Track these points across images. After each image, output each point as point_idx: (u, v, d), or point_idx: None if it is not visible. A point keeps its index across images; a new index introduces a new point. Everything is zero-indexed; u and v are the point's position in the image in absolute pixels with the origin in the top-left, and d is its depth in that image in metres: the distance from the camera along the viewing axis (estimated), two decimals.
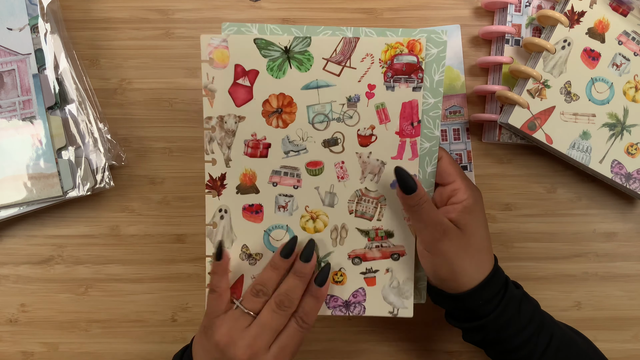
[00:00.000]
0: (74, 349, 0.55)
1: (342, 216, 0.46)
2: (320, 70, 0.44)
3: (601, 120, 0.52)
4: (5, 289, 0.55)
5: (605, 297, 0.56)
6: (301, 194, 0.45)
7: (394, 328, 0.56)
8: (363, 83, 0.44)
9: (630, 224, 0.56)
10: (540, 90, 0.51)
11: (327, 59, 0.44)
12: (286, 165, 0.45)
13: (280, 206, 0.46)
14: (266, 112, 0.45)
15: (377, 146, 0.45)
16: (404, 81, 0.44)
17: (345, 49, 0.44)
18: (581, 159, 0.52)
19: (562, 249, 0.56)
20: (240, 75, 0.44)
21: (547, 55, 0.51)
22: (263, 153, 0.45)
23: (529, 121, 0.51)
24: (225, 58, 0.44)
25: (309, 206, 0.46)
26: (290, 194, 0.45)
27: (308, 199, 0.46)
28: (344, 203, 0.46)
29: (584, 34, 0.51)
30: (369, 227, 0.46)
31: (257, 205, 0.46)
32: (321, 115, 0.45)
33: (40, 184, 0.50)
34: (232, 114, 0.45)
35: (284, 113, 0.45)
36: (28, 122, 0.51)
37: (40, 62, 0.51)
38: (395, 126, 0.45)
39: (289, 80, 0.44)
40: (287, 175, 0.45)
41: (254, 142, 0.45)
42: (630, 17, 0.52)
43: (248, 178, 0.45)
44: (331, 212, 0.46)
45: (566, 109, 0.52)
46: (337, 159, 0.45)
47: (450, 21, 0.55)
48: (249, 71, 0.44)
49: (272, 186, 0.45)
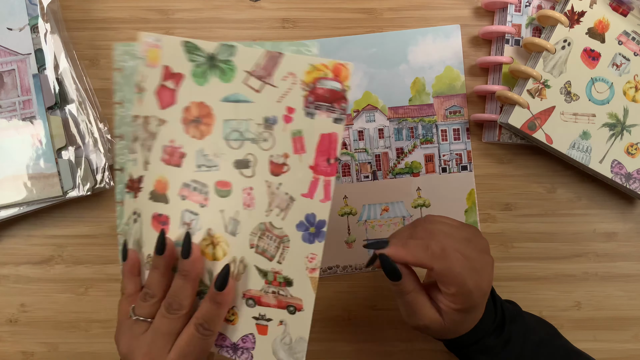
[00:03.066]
0: (74, 349, 0.55)
1: (242, 248, 0.42)
2: (241, 84, 0.41)
3: (601, 120, 0.52)
4: (5, 289, 0.55)
5: (605, 297, 0.56)
6: (206, 213, 0.42)
7: (394, 328, 0.56)
8: (282, 104, 0.41)
9: (630, 224, 0.56)
10: (540, 90, 0.51)
11: (249, 72, 0.41)
12: (197, 180, 0.42)
13: (185, 223, 0.42)
14: (186, 119, 0.42)
15: (288, 178, 0.41)
16: (325, 109, 0.40)
17: (269, 64, 0.40)
18: (581, 159, 0.52)
19: (562, 249, 0.56)
20: (167, 77, 0.42)
21: (547, 55, 0.51)
22: (177, 162, 0.42)
23: (529, 121, 0.51)
24: (157, 58, 0.42)
25: (212, 230, 0.42)
26: (196, 211, 0.42)
27: (212, 221, 0.42)
28: (246, 234, 0.42)
29: (584, 34, 0.51)
30: (268, 267, 0.42)
31: (164, 217, 0.43)
32: (236, 132, 0.41)
33: (40, 184, 0.50)
34: (156, 116, 0.42)
35: (202, 124, 0.42)
36: (28, 122, 0.51)
37: (40, 62, 0.51)
38: (310, 159, 0.40)
39: (211, 89, 0.42)
40: (196, 191, 0.42)
41: (171, 148, 0.42)
42: (630, 17, 0.52)
43: (161, 185, 0.43)
44: (232, 241, 0.42)
45: (566, 109, 0.52)
46: (247, 183, 0.41)
47: (450, 21, 0.55)
48: (175, 74, 0.42)
49: (181, 199, 0.42)
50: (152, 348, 0.40)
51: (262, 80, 0.41)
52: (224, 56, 0.41)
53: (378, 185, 0.55)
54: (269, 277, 0.42)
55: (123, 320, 0.42)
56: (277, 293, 0.42)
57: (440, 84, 0.55)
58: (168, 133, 0.42)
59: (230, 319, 0.42)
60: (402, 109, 0.55)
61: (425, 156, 0.56)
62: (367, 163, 0.55)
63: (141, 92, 0.42)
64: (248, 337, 0.43)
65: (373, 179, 0.56)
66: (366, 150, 0.55)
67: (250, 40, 0.55)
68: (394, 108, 0.55)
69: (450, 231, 0.41)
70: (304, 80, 0.40)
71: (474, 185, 0.56)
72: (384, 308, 0.55)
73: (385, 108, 0.55)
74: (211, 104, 0.42)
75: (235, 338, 0.43)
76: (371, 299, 0.56)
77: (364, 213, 0.56)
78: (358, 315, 0.55)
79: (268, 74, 0.41)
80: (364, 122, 0.55)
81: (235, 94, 0.42)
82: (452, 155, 0.56)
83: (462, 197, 0.56)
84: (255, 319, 0.42)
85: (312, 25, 0.55)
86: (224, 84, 0.41)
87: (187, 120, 0.42)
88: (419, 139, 0.56)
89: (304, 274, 0.41)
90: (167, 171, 0.42)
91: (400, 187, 0.55)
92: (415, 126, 0.55)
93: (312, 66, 0.40)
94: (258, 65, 0.41)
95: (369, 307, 0.55)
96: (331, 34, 0.55)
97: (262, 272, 0.42)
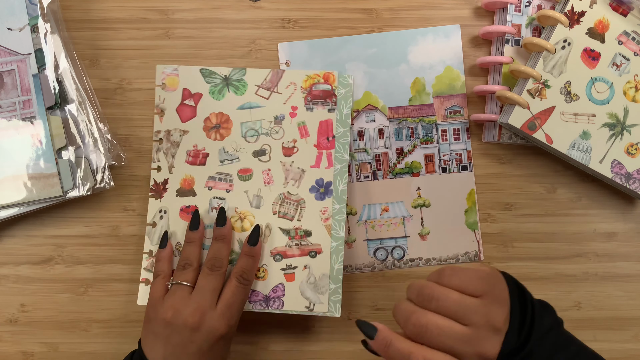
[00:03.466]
0: (74, 349, 0.55)
1: (266, 216, 0.52)
2: (253, 94, 0.53)
3: (601, 120, 0.52)
4: (5, 289, 0.55)
5: (605, 297, 0.56)
6: (232, 196, 0.52)
7: (395, 328, 0.55)
8: (287, 105, 0.53)
9: (630, 224, 0.56)
10: (540, 90, 0.51)
11: (259, 86, 0.53)
12: (221, 172, 0.53)
13: (213, 207, 0.52)
14: (206, 127, 0.53)
15: (299, 156, 0.53)
16: (320, 104, 0.53)
17: (274, 78, 0.53)
18: (581, 159, 0.52)
19: (562, 249, 0.56)
20: (186, 97, 0.53)
21: (547, 55, 0.51)
22: (202, 161, 0.53)
23: (529, 121, 0.51)
24: (176, 83, 0.53)
25: (238, 208, 0.52)
26: (223, 197, 0.52)
27: (238, 202, 0.52)
28: (269, 205, 0.52)
29: (584, 34, 0.51)
30: (290, 226, 0.52)
31: (193, 207, 0.52)
32: (252, 130, 0.53)
33: (40, 184, 0.50)
34: (178, 128, 0.53)
35: (222, 128, 0.53)
36: (28, 122, 0.51)
37: (40, 62, 0.51)
38: (314, 140, 0.53)
39: (227, 102, 0.53)
40: (221, 181, 0.52)
41: (194, 152, 0.53)
42: (630, 17, 0.52)
43: (187, 183, 0.53)
44: (257, 213, 0.52)
45: (566, 109, 0.52)
46: (265, 166, 0.52)
47: (450, 21, 0.55)
48: (194, 94, 0.53)
49: (208, 190, 0.52)
50: (201, 303, 0.46)
51: (270, 90, 0.53)
52: (237, 76, 0.53)
53: (378, 185, 0.55)
54: (291, 234, 0.52)
55: (158, 297, 0.48)
56: (299, 244, 0.52)
57: (440, 84, 0.55)
58: (191, 140, 0.53)
59: (261, 276, 0.52)
60: (402, 109, 0.55)
61: (425, 156, 0.56)
62: (367, 163, 0.55)
63: (160, 112, 0.53)
64: (278, 287, 0.52)
65: (373, 179, 0.56)
66: (366, 150, 0.55)
67: (249, 40, 0.55)
68: (394, 108, 0.55)
69: (448, 326, 0.38)
70: (303, 86, 0.53)
71: (474, 185, 0.56)
72: (384, 308, 0.55)
73: (385, 108, 0.55)
74: (228, 113, 0.53)
75: (267, 291, 0.51)
76: (371, 299, 0.56)
77: (363, 213, 0.56)
78: (358, 315, 0.55)
79: (274, 85, 0.53)
80: (364, 122, 0.55)
81: (249, 102, 0.53)
82: (452, 155, 0.56)
83: (462, 197, 0.56)
84: (283, 270, 0.52)
85: (312, 25, 0.55)
86: (238, 97, 0.53)
87: (208, 127, 0.53)
88: (419, 139, 0.56)
89: (319, 224, 0.52)
90: (193, 170, 0.53)
91: (400, 187, 0.55)
92: (415, 126, 0.55)
93: (308, 76, 0.53)
94: (265, 80, 0.53)
95: (369, 307, 0.55)
96: (331, 34, 0.55)
97: (285, 231, 0.52)
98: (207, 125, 0.53)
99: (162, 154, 0.53)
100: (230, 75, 0.53)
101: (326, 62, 0.55)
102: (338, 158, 0.52)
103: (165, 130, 0.53)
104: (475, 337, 0.38)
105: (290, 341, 0.55)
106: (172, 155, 0.53)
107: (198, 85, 0.53)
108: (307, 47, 0.55)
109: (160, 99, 0.53)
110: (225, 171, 0.52)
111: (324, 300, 0.51)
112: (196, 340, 0.45)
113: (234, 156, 0.52)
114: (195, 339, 0.45)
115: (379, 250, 0.55)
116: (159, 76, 0.53)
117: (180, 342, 0.45)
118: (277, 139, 0.53)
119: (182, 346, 0.45)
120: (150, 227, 0.52)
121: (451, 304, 0.39)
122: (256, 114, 0.53)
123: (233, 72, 0.53)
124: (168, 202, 0.52)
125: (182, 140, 0.53)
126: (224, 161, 0.52)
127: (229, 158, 0.52)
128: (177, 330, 0.45)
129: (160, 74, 0.53)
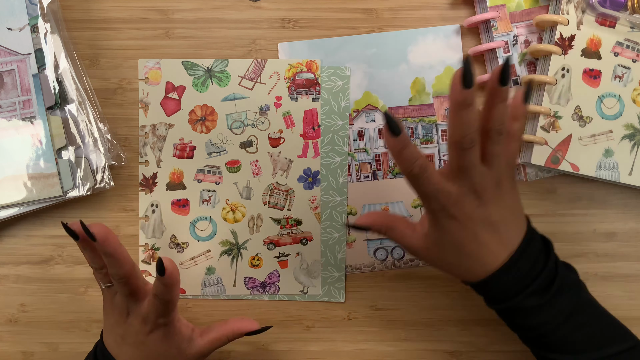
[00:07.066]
0: (74, 349, 0.55)
1: (257, 207, 0.54)
2: (237, 85, 0.53)
3: (619, 134, 0.52)
4: (5, 289, 0.55)
5: (605, 297, 0.56)
6: (222, 189, 0.53)
7: (395, 328, 0.56)
8: (272, 95, 0.53)
9: (630, 224, 0.56)
10: (552, 123, 0.51)
11: (242, 77, 0.53)
12: (209, 165, 0.53)
13: (204, 200, 0.53)
14: (192, 120, 0.53)
15: (285, 147, 0.53)
16: (304, 93, 0.53)
17: (256, 68, 0.53)
18: (610, 177, 0.52)
19: (562, 249, 0.56)
20: (170, 90, 0.53)
21: (550, 88, 0.51)
22: (189, 154, 0.53)
23: (551, 156, 0.51)
24: (159, 77, 0.53)
25: (229, 199, 0.53)
26: (213, 189, 0.53)
27: (228, 193, 0.53)
28: (259, 196, 0.53)
29: (579, 57, 0.51)
30: (281, 216, 0.54)
31: (183, 200, 0.53)
32: (238, 122, 0.53)
33: (40, 184, 0.50)
34: (163, 122, 0.53)
35: (207, 121, 0.53)
36: (28, 122, 0.51)
37: (40, 62, 0.51)
38: (300, 130, 0.53)
39: (211, 94, 0.53)
40: (210, 173, 0.53)
41: (181, 145, 0.53)
42: (618, 27, 0.52)
43: (176, 176, 0.53)
44: (248, 204, 0.53)
45: (583, 134, 0.51)
46: (252, 158, 0.53)
47: (450, 21, 0.55)
48: (177, 87, 0.53)
49: (197, 183, 0.53)
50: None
51: (253, 81, 0.53)
52: (219, 67, 0.53)
53: (378, 185, 0.55)
54: (282, 223, 0.54)
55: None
56: (290, 233, 0.54)
57: (440, 84, 0.55)
58: (177, 133, 0.53)
59: (256, 264, 0.54)
60: (402, 109, 0.55)
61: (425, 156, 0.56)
62: (367, 163, 0.55)
63: (145, 107, 0.53)
64: (273, 274, 0.54)
65: (373, 179, 0.56)
66: (366, 150, 0.55)
67: (249, 40, 0.55)
68: (394, 108, 0.55)
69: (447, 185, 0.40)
70: (286, 75, 0.53)
71: None
72: (384, 308, 0.55)
73: (385, 108, 0.55)
74: (213, 105, 0.53)
75: (263, 277, 0.54)
76: (371, 299, 0.56)
77: (364, 213, 0.56)
78: (358, 315, 0.55)
79: (257, 76, 0.53)
80: (364, 122, 0.55)
81: (233, 94, 0.53)
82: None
83: None
84: (277, 258, 0.54)
85: (312, 25, 0.55)
86: (222, 88, 0.53)
87: (193, 120, 0.53)
88: (419, 139, 0.56)
89: (309, 213, 0.54)
90: (181, 164, 0.53)
91: (400, 187, 0.55)
92: (415, 126, 0.55)
93: (291, 65, 0.53)
94: (248, 70, 0.53)
95: (369, 307, 0.55)
96: (331, 34, 0.55)
97: (276, 221, 0.54)
98: (193, 118, 0.53)
99: (149, 148, 0.53)
100: (212, 66, 0.53)
101: (326, 62, 0.55)
102: (337, 151, 0.53)
103: (151, 125, 0.53)
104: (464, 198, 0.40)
105: (290, 341, 0.55)
106: (159, 149, 0.53)
107: (181, 78, 0.53)
108: (307, 47, 0.55)
109: (144, 93, 0.53)
110: (214, 163, 0.53)
111: (317, 284, 0.54)
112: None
113: (221, 148, 0.53)
114: None
115: (379, 250, 0.55)
116: (141, 70, 0.53)
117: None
118: (263, 129, 0.53)
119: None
120: (143, 221, 0.54)
121: (477, 176, 0.39)
122: (241, 105, 0.53)
123: (215, 63, 0.53)
124: (159, 196, 0.54)
125: (168, 134, 0.53)
126: (212, 154, 0.53)
127: (216, 150, 0.53)
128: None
129: (142, 68, 0.53)
